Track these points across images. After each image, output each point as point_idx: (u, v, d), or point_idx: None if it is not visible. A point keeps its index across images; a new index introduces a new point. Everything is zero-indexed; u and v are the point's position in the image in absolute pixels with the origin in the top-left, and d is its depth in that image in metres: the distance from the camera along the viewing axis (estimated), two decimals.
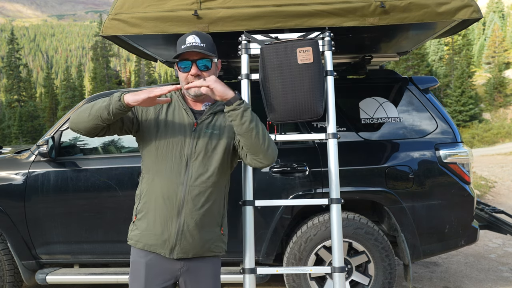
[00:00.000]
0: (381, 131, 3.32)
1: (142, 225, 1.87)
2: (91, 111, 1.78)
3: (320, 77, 2.34)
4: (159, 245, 1.84)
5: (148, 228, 1.85)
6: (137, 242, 1.88)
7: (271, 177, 3.18)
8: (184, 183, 1.83)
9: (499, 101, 37.32)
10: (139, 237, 1.88)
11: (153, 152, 1.87)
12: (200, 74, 1.86)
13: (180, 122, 1.89)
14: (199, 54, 1.86)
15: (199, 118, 1.91)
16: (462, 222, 3.22)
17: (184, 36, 1.92)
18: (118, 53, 79.57)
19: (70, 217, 3.28)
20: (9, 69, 43.25)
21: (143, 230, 1.87)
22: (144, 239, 1.86)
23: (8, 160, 3.52)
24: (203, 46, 1.86)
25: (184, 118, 1.90)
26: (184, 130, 1.88)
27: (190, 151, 1.85)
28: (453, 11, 2.44)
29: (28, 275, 3.40)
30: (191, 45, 1.85)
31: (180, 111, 1.92)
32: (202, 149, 1.87)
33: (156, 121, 1.89)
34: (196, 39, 1.87)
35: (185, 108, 1.92)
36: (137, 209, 1.91)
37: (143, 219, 1.87)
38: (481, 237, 5.08)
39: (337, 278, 2.33)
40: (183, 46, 1.86)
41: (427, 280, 4.08)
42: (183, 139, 1.86)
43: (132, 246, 1.92)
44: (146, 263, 1.86)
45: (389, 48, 3.55)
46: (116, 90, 3.67)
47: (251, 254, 2.32)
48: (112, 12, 2.51)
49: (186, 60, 1.86)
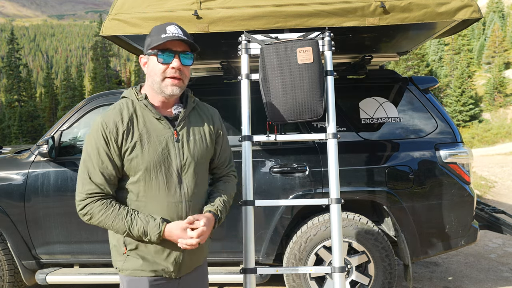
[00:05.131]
0: (381, 131, 3.32)
1: (141, 253, 1.67)
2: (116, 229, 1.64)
3: (320, 77, 2.34)
4: (165, 267, 1.69)
5: (150, 254, 1.67)
6: (138, 271, 1.68)
7: (271, 177, 3.18)
8: (182, 200, 1.67)
9: (499, 101, 37.33)
10: (140, 266, 1.68)
11: (140, 178, 1.64)
12: (181, 68, 1.65)
13: (158, 135, 1.65)
14: (183, 46, 1.65)
15: (176, 125, 1.70)
16: (462, 222, 3.22)
17: (160, 26, 1.67)
18: (118, 53, 79.58)
19: (70, 217, 3.27)
20: (9, 69, 43.24)
21: (143, 258, 1.67)
22: (148, 266, 1.68)
23: (8, 160, 3.52)
24: (186, 39, 1.64)
25: (159, 129, 1.67)
26: (165, 143, 1.66)
27: (180, 164, 1.67)
28: (453, 11, 2.44)
29: (28, 275, 3.40)
30: (175, 35, 1.61)
31: (152, 123, 1.66)
32: (191, 159, 1.70)
33: (132, 148, 1.63)
34: (178, 30, 1.64)
35: (158, 117, 1.67)
36: (126, 239, 1.67)
37: (140, 247, 1.67)
38: (481, 237, 5.09)
39: (337, 278, 2.33)
40: (163, 35, 1.61)
41: (427, 280, 4.08)
42: (167, 153, 1.66)
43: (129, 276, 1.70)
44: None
45: (389, 48, 3.55)
46: (116, 91, 3.69)
47: (251, 254, 2.32)
48: (112, 12, 2.51)
49: (168, 51, 1.62)
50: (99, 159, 1.62)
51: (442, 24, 2.70)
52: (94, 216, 1.63)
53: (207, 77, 3.85)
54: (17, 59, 44.04)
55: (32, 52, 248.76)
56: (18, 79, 43.15)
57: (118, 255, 1.73)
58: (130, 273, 1.70)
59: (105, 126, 1.62)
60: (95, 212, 1.62)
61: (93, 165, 1.62)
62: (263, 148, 3.23)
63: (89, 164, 1.63)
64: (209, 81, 3.64)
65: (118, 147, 1.62)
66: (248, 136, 2.41)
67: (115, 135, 1.62)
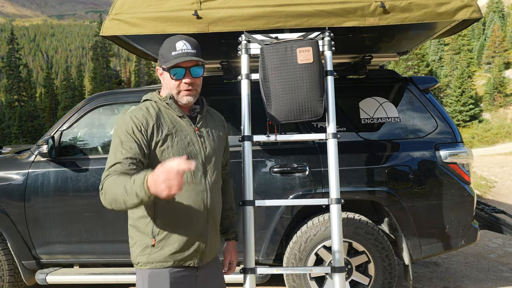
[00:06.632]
0: (381, 131, 3.32)
1: (169, 243, 1.76)
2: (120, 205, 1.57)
3: (320, 77, 2.34)
4: (190, 256, 1.79)
5: (178, 244, 1.77)
6: (165, 262, 1.76)
7: (271, 177, 3.18)
8: (207, 189, 1.82)
9: (499, 101, 37.32)
10: (167, 257, 1.76)
11: None
12: (193, 81, 1.82)
13: (183, 131, 1.82)
14: (193, 61, 1.81)
15: (197, 123, 1.87)
16: (462, 222, 3.22)
17: (170, 41, 1.82)
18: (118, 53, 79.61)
19: (70, 217, 3.28)
20: (9, 69, 43.19)
21: (171, 248, 1.76)
22: (174, 257, 1.77)
23: (8, 160, 3.52)
24: (194, 53, 1.80)
25: (183, 125, 1.83)
26: (189, 137, 1.82)
27: (204, 156, 1.84)
28: (453, 11, 2.44)
29: (28, 275, 3.40)
30: (184, 52, 1.77)
31: (176, 120, 1.83)
32: (213, 153, 1.88)
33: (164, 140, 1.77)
34: (187, 46, 1.79)
35: (181, 115, 1.84)
36: (156, 230, 1.76)
37: (168, 237, 1.76)
38: (481, 237, 5.08)
39: (337, 278, 2.33)
40: (174, 52, 1.78)
41: (427, 280, 4.08)
42: (193, 146, 1.82)
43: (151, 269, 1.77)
44: (170, 281, 1.76)
45: (389, 48, 3.55)
46: (116, 91, 3.69)
47: (251, 254, 2.32)
48: (112, 12, 2.51)
49: (178, 68, 1.79)
50: (128, 144, 1.69)
51: (442, 24, 2.70)
52: (106, 192, 1.61)
53: (207, 77, 3.85)
54: (17, 59, 44.00)
55: (32, 52, 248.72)
56: (18, 79, 43.11)
57: (143, 249, 1.78)
58: (153, 266, 1.76)
59: (135, 119, 1.74)
60: (107, 185, 1.61)
61: (121, 151, 1.69)
62: (263, 148, 3.23)
63: (117, 150, 1.70)
64: (209, 81, 3.63)
65: (148, 137, 1.74)
66: (248, 136, 2.41)
67: (146, 126, 1.74)
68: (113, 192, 1.58)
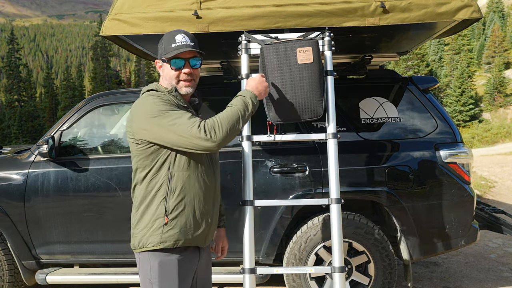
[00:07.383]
0: (381, 131, 3.32)
1: (181, 222, 1.85)
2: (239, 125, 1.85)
3: (320, 77, 2.34)
4: (199, 236, 1.90)
5: (189, 222, 1.86)
6: (177, 241, 1.84)
7: (271, 177, 3.18)
8: (215, 172, 1.99)
9: (499, 101, 37.33)
10: (178, 236, 1.84)
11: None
12: (192, 72, 1.93)
13: None
14: (192, 53, 1.92)
15: (199, 113, 1.99)
16: (462, 222, 3.22)
17: (170, 34, 1.94)
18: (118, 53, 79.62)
19: (70, 217, 3.28)
20: (9, 69, 43.21)
21: (182, 226, 1.85)
22: (185, 235, 1.86)
23: (8, 160, 3.52)
24: (193, 45, 1.91)
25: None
26: None
27: None
28: (453, 11, 2.44)
29: (28, 275, 3.41)
30: (184, 44, 1.89)
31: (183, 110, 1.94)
32: None
33: None
34: (186, 38, 1.91)
35: (186, 105, 1.94)
36: (169, 209, 1.84)
37: (181, 216, 1.85)
38: (481, 237, 5.08)
39: (337, 278, 2.33)
40: (173, 44, 1.89)
41: (427, 280, 4.08)
42: None
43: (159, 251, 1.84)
44: (178, 260, 1.85)
45: (389, 48, 3.55)
46: (116, 91, 3.68)
47: (251, 254, 2.32)
48: (112, 12, 2.51)
49: (178, 59, 1.90)
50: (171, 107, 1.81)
51: (442, 24, 2.69)
52: (221, 125, 1.78)
53: (207, 77, 3.85)
54: (17, 59, 44.03)
55: (32, 52, 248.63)
56: (18, 79, 43.13)
57: (155, 229, 1.83)
58: (166, 245, 1.83)
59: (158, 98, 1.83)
60: (213, 123, 1.78)
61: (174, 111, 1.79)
62: (263, 148, 3.23)
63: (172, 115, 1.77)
64: (209, 81, 3.64)
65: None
66: (248, 136, 2.41)
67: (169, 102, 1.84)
68: (227, 121, 1.80)
